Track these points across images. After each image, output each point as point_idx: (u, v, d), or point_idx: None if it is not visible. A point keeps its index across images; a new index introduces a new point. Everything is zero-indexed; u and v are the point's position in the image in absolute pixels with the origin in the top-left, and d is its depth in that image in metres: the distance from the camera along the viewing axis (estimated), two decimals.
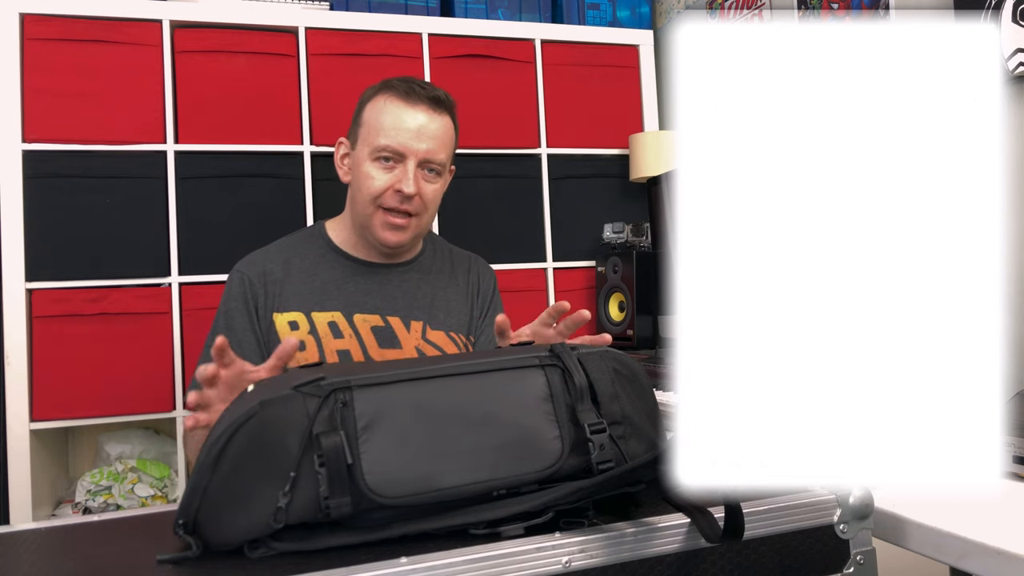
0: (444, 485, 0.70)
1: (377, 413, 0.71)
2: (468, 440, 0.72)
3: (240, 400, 0.74)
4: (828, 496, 0.73)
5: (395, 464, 0.70)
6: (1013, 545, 0.63)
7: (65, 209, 2.11)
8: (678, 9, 2.80)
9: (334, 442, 0.68)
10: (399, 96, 1.37)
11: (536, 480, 0.72)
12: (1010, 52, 1.57)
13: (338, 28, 2.36)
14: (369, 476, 0.69)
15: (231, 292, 1.41)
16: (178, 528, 0.70)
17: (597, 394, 0.77)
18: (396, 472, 0.69)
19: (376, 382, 0.73)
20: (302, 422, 0.69)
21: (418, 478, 0.70)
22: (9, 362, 2.04)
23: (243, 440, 0.69)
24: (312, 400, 0.70)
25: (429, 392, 0.74)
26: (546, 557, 0.64)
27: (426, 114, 1.37)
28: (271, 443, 0.69)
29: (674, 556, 0.68)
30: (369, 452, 0.69)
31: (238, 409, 0.71)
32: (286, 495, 0.68)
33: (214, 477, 0.69)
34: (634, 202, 2.63)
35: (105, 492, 2.18)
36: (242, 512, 0.69)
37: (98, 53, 2.16)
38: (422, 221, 1.42)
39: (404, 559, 0.61)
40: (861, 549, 0.73)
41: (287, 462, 0.69)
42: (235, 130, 2.25)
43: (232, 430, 0.69)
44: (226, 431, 0.69)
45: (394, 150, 1.35)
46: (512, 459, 0.72)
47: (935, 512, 0.72)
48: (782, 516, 0.71)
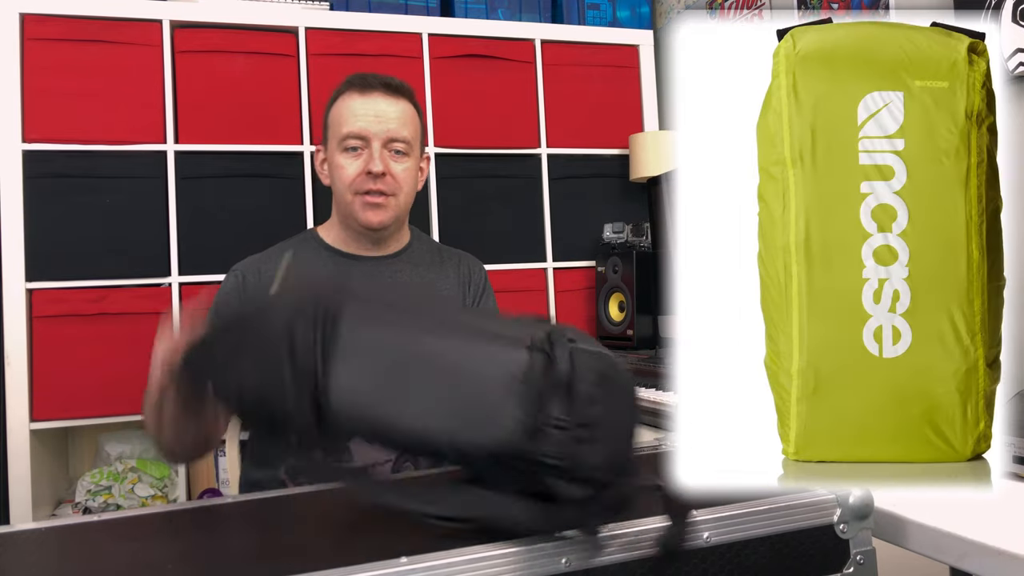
0: (399, 425, 0.71)
1: (357, 341, 0.72)
2: (431, 390, 0.72)
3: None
4: (828, 496, 0.73)
5: (360, 389, 0.71)
6: (1013, 545, 0.63)
7: (65, 209, 2.11)
8: (678, 9, 2.80)
9: (307, 342, 0.70)
10: (355, 89, 1.44)
11: (485, 452, 0.71)
12: (1010, 52, 1.57)
13: (338, 28, 2.36)
14: (334, 393, 0.70)
15: (224, 288, 1.46)
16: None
17: (574, 392, 0.75)
18: (358, 397, 0.71)
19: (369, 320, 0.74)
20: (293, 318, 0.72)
21: (377, 407, 0.71)
22: (9, 362, 2.04)
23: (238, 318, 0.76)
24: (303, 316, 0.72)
25: (415, 335, 0.75)
26: (546, 557, 0.64)
27: (383, 99, 1.43)
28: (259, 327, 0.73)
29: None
30: (338, 374, 0.71)
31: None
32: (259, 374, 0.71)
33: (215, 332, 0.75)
34: (634, 202, 2.63)
35: (105, 492, 2.18)
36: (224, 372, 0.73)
37: (98, 53, 2.16)
38: (399, 201, 1.46)
39: (404, 559, 0.61)
40: (861, 549, 0.73)
41: (269, 349, 0.71)
42: (235, 130, 2.25)
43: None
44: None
45: (357, 135, 1.41)
46: (465, 423, 0.72)
47: (935, 512, 0.72)
48: (782, 516, 0.71)
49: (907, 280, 0.86)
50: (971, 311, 0.86)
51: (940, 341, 0.86)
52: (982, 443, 0.87)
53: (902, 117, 0.87)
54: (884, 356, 0.87)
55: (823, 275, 0.88)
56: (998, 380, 0.89)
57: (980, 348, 0.86)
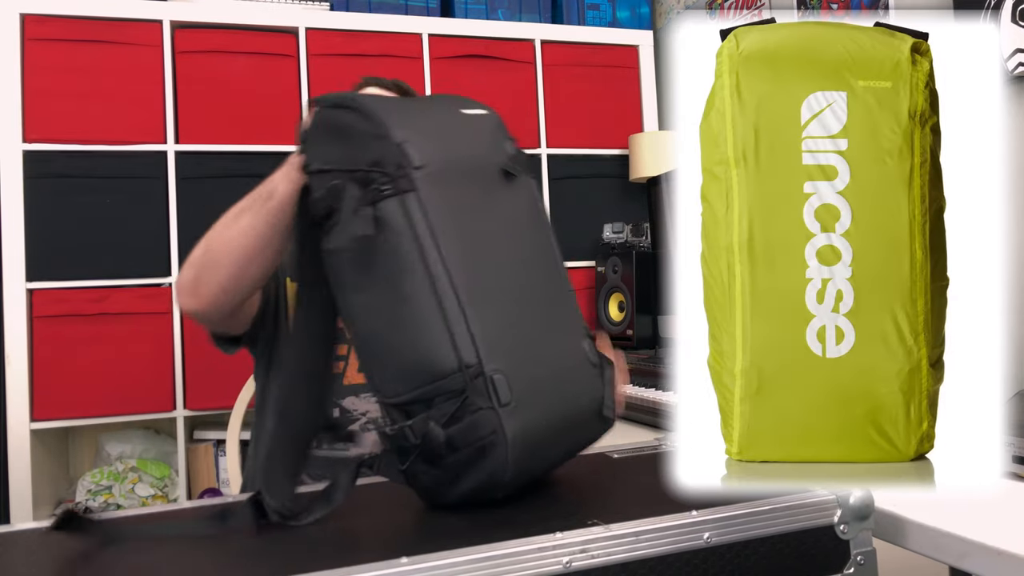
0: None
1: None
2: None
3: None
4: (828, 496, 0.73)
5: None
6: (1013, 545, 0.64)
7: (65, 209, 2.11)
8: (678, 9, 2.80)
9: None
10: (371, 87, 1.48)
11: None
12: (1010, 52, 1.57)
13: (338, 28, 2.36)
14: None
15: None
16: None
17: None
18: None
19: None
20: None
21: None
22: (9, 362, 2.04)
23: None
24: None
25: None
26: (546, 557, 0.64)
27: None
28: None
29: (674, 556, 0.68)
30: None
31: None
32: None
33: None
34: (634, 202, 2.63)
35: (105, 492, 2.18)
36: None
37: (98, 53, 2.16)
38: None
39: (404, 559, 0.61)
40: (861, 549, 0.73)
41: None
42: (235, 130, 2.25)
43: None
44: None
45: None
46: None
47: (935, 512, 0.72)
48: (782, 516, 0.71)
49: (850, 280, 0.86)
50: (914, 311, 0.85)
51: (883, 341, 0.86)
52: (925, 443, 0.87)
53: (845, 117, 0.87)
54: (827, 356, 0.87)
55: (766, 275, 0.87)
56: (942, 380, 0.89)
57: (923, 348, 0.86)
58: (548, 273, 0.85)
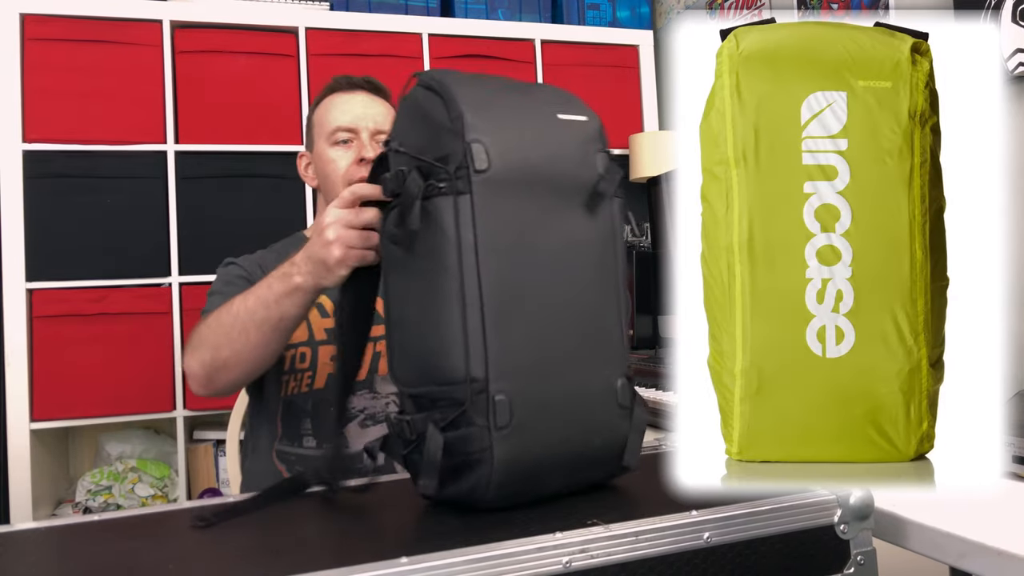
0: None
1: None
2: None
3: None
4: (828, 496, 0.73)
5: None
6: (1013, 545, 0.64)
7: (65, 209, 2.11)
8: (678, 9, 2.80)
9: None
10: (340, 88, 1.46)
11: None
12: (1010, 52, 1.57)
13: (338, 28, 2.36)
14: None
15: (227, 268, 1.44)
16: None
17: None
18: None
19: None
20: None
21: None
22: (9, 362, 2.04)
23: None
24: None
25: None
26: (546, 557, 0.64)
27: (368, 96, 1.46)
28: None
29: (674, 556, 0.68)
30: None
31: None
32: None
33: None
34: (634, 202, 2.63)
35: (105, 492, 2.18)
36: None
37: (98, 53, 2.16)
38: None
39: (404, 559, 0.61)
40: (861, 549, 0.73)
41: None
42: (235, 130, 2.25)
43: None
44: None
45: (347, 127, 1.42)
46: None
47: (935, 512, 0.72)
48: (782, 516, 0.71)
49: (850, 280, 0.86)
50: (914, 311, 0.85)
51: (883, 341, 0.86)
52: (925, 443, 0.87)
53: (845, 117, 0.86)
54: (827, 356, 0.86)
55: (766, 275, 0.87)
56: (941, 380, 0.88)
57: (923, 348, 0.86)
58: (601, 303, 0.81)
